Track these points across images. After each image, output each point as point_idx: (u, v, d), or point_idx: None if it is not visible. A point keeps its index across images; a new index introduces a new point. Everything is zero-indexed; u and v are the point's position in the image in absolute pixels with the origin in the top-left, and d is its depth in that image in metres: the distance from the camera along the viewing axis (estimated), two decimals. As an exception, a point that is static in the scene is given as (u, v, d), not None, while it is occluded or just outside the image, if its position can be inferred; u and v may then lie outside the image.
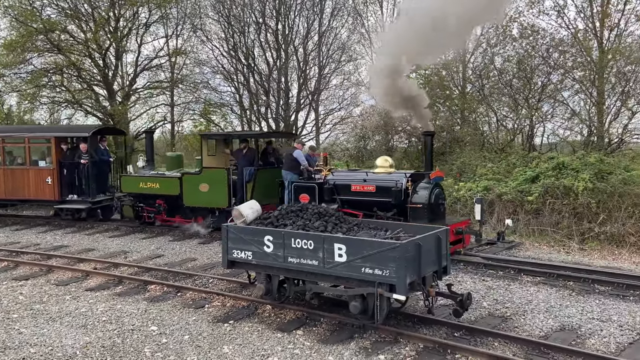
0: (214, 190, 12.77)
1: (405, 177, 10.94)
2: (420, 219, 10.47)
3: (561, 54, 18.89)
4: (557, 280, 8.86)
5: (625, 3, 18.42)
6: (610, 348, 6.22)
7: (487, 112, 20.02)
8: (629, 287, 8.29)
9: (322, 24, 24.87)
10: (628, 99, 17.93)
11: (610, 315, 7.24)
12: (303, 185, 11.97)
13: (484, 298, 8.10)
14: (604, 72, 18.10)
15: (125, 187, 14.40)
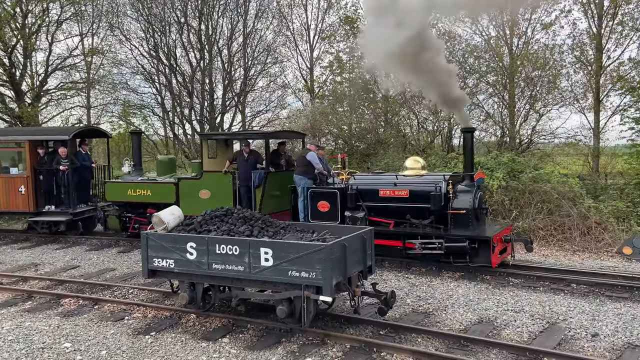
0: (217, 198, 11.49)
1: (444, 180, 9.88)
2: (463, 226, 9.59)
3: (476, 59, 19.95)
4: (476, 274, 9.28)
5: (532, 13, 19.78)
6: (523, 337, 6.59)
7: (409, 115, 20.71)
8: (538, 279, 8.85)
9: (246, 25, 24.63)
10: (536, 102, 19.25)
11: (523, 306, 7.68)
12: (322, 192, 10.76)
13: (408, 295, 8.32)
14: (514, 77, 19.31)
15: (110, 195, 12.96)
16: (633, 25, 18.83)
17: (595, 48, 19.53)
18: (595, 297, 7.97)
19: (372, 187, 10.45)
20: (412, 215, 9.98)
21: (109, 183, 13.21)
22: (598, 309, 7.44)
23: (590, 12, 19.40)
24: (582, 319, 7.08)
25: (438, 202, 9.57)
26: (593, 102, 19.76)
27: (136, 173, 13.21)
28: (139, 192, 12.48)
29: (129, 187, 12.64)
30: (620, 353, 6.01)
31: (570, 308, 7.51)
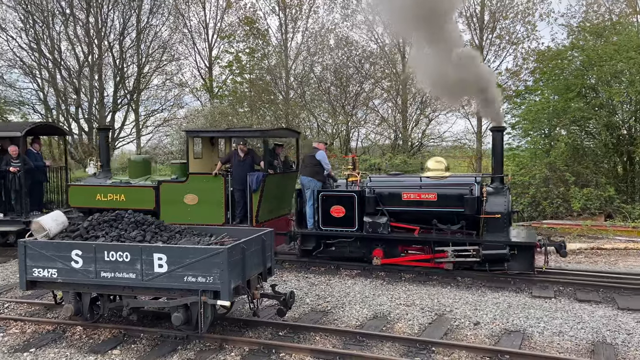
0: (205, 203, 10.31)
1: (476, 182, 9.25)
2: (498, 231, 8.99)
3: (372, 65, 20.77)
4: (371, 272, 9.64)
5: (422, 23, 20.95)
6: (414, 329, 6.95)
7: (309, 117, 21.03)
8: (428, 274, 9.40)
9: (140, 21, 23.50)
10: (426, 107, 20.47)
11: (414, 300, 8.11)
12: (336, 195, 9.85)
13: (307, 295, 8.43)
14: (407, 83, 20.39)
15: (74, 201, 11.34)
16: (509, 39, 20.72)
17: (478, 58, 21.17)
18: (477, 289, 8.63)
19: (394, 190, 9.57)
20: (439, 220, 9.32)
21: (73, 187, 11.49)
22: (479, 299, 8.06)
23: (472, 25, 21.04)
24: (466, 309, 7.63)
25: (472, 205, 8.91)
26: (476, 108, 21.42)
27: (104, 175, 11.68)
28: (111, 197, 10.93)
29: (97, 191, 11.07)
30: (498, 339, 6.56)
31: (455, 300, 8.05)
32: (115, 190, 11.00)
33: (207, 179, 10.42)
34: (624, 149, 15.86)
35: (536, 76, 18.73)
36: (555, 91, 16.72)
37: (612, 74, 15.32)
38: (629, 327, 6.74)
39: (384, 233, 9.46)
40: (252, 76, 22.21)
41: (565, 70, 16.50)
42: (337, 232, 9.84)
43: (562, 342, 6.37)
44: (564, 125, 16.25)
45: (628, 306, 7.49)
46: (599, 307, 7.55)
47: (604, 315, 7.19)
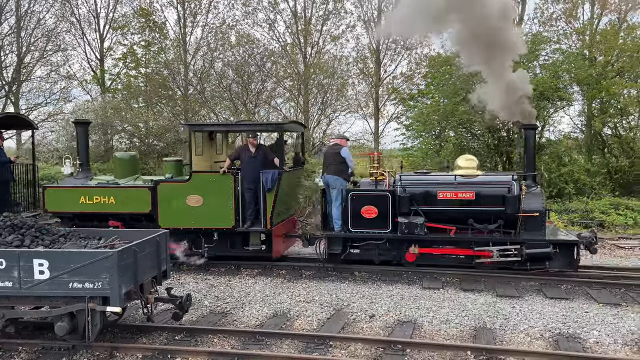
0: (212, 205, 9.48)
1: (514, 180, 9.13)
2: (536, 230, 8.93)
3: (273, 64, 20.76)
4: (272, 270, 9.65)
5: (323, 24, 21.38)
6: (313, 325, 7.07)
7: (209, 115, 20.55)
8: (328, 270, 9.61)
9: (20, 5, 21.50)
10: (326, 108, 20.89)
11: (313, 296, 8.25)
12: (368, 195, 9.35)
13: (206, 297, 8.25)
14: (308, 83, 20.65)
15: (52, 205, 9.98)
16: (404, 44, 21.76)
17: (375, 62, 22.04)
18: (373, 283, 8.98)
19: (429, 188, 9.26)
20: (476, 219, 9.08)
21: (50, 189, 10.13)
22: (375, 292, 8.40)
23: (370, 30, 21.82)
24: (362, 303, 7.91)
25: (514, 204, 8.82)
26: (374, 110, 22.28)
27: (84, 175, 10.42)
28: (97, 199, 9.76)
29: (81, 194, 9.84)
30: (391, 330, 6.88)
31: (353, 294, 8.32)
32: (103, 192, 9.81)
33: (214, 178, 9.61)
34: (504, 149, 17.34)
35: (428, 80, 19.88)
36: (444, 95, 17.86)
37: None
38: (506, 313, 7.38)
39: (420, 234, 9.13)
40: (148, 70, 21.21)
41: (453, 76, 17.68)
42: (369, 234, 9.37)
43: (448, 330, 6.82)
44: (452, 127, 17.42)
45: (505, 293, 8.21)
46: (481, 295, 8.19)
47: (484, 303, 7.82)
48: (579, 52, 18.07)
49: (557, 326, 6.85)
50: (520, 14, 20.42)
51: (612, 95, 16.75)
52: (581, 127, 18.70)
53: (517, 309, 7.53)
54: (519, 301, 7.87)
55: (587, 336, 6.52)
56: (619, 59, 17.20)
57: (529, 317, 7.18)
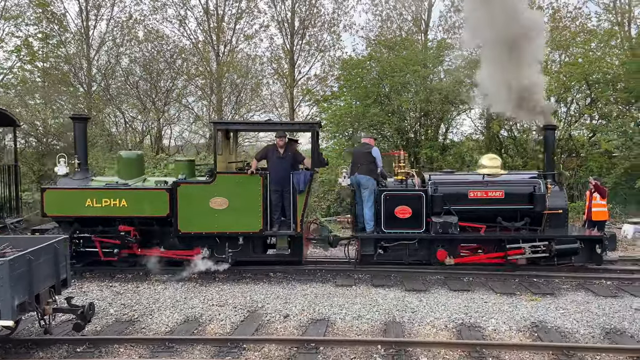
0: (237, 208, 8.89)
1: (540, 179, 9.42)
2: (560, 226, 9.31)
3: (184, 61, 20.17)
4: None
5: (236, 23, 21.11)
6: (226, 329, 6.94)
7: (115, 113, 19.55)
8: (243, 273, 9.49)
9: None
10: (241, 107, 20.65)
11: (227, 299, 8.10)
12: (401, 195, 9.22)
13: (111, 305, 7.82)
14: (221, 82, 20.29)
15: (52, 208, 9.03)
16: (317, 46, 22.06)
17: (289, 63, 22.12)
18: (288, 283, 9.00)
19: (460, 188, 9.35)
20: (504, 217, 9.27)
21: (50, 191, 9.11)
22: (290, 292, 8.42)
23: (284, 30, 21.87)
24: (277, 303, 7.89)
25: (542, 202, 9.10)
26: (289, 110, 22.37)
27: (82, 176, 9.46)
28: (107, 202, 8.93)
29: (88, 196, 8.97)
30: (305, 329, 6.93)
31: (267, 295, 8.28)
32: (114, 195, 8.97)
33: (240, 179, 9.04)
34: (412, 150, 18.14)
35: (341, 83, 20.30)
36: (356, 97, 18.33)
37: (401, 84, 17.39)
38: (414, 306, 7.71)
39: (454, 233, 9.16)
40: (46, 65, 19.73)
41: (365, 79, 18.21)
42: (402, 235, 9.28)
43: (360, 325, 7.00)
44: (363, 128, 17.92)
45: (413, 287, 8.57)
46: (391, 291, 8.48)
47: (394, 297, 8.11)
48: (478, 58, 19.32)
49: (459, 317, 7.26)
50: (427, 21, 21.50)
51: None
52: (481, 129, 20.00)
53: (424, 302, 7.89)
54: (425, 294, 8.25)
55: (486, 324, 6.98)
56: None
57: (434, 310, 7.54)
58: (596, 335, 6.62)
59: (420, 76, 17.24)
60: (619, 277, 9.06)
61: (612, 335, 6.58)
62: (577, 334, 6.65)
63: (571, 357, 5.91)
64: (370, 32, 22.02)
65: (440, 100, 17.14)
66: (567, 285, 8.78)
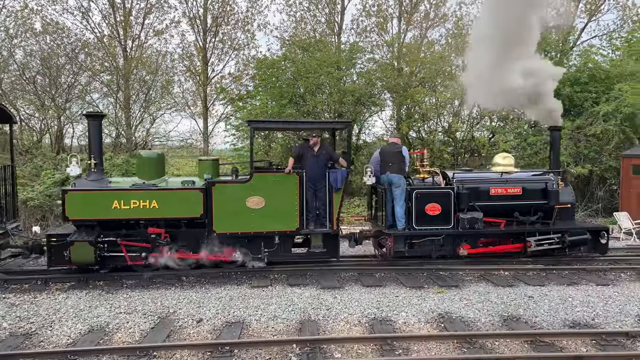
0: (274, 207, 8.99)
1: (553, 176, 10.23)
2: (569, 219, 10.19)
3: (88, 55, 19.00)
4: (88, 282, 8.81)
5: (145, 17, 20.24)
6: (135, 337, 6.63)
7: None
8: (152, 278, 9.10)
9: None
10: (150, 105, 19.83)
11: (136, 306, 7.74)
12: (432, 193, 9.65)
13: (5, 318, 7.18)
14: (129, 78, 19.36)
15: (75, 211, 8.64)
16: (231, 44, 21.74)
17: (202, 60, 21.61)
18: (201, 286, 8.76)
19: (483, 185, 9.93)
20: (521, 212, 9.95)
21: (73, 193, 8.64)
22: (203, 296, 8.21)
23: (197, 27, 21.32)
24: (190, 308, 7.66)
25: (555, 197, 9.87)
26: (202, 109, 21.84)
27: (98, 176, 8.99)
28: (135, 203, 8.63)
29: (115, 198, 8.63)
30: (219, 332, 6.79)
31: (180, 300, 8.01)
32: (144, 196, 8.67)
33: (277, 178, 9.10)
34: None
35: (256, 82, 20.16)
36: (271, 97, 18.29)
37: (316, 85, 17.61)
38: (329, 303, 7.83)
39: (480, 228, 9.69)
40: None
41: (280, 79, 18.22)
42: (432, 231, 9.71)
43: (276, 326, 6.98)
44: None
45: (328, 285, 8.71)
46: (307, 289, 8.55)
47: (310, 296, 8.18)
48: (389, 62, 20.06)
49: (372, 311, 7.48)
50: (340, 23, 21.94)
51: (416, 102, 18.94)
52: (392, 130, 20.76)
53: (339, 299, 8.04)
54: (340, 292, 8.41)
55: (397, 318, 7.25)
56: (420, 71, 19.51)
57: (348, 306, 7.71)
58: (495, 322, 7.12)
59: (334, 78, 17.55)
60: (515, 268, 9.79)
61: (509, 322, 7.10)
62: (478, 323, 7.10)
63: (473, 345, 6.30)
64: (285, 33, 22.10)
65: (353, 102, 17.57)
66: (470, 277, 9.34)
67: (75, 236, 8.62)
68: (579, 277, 9.25)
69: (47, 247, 8.82)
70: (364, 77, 18.70)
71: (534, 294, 8.26)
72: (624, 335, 6.54)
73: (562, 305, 7.74)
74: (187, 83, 21.97)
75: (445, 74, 19.37)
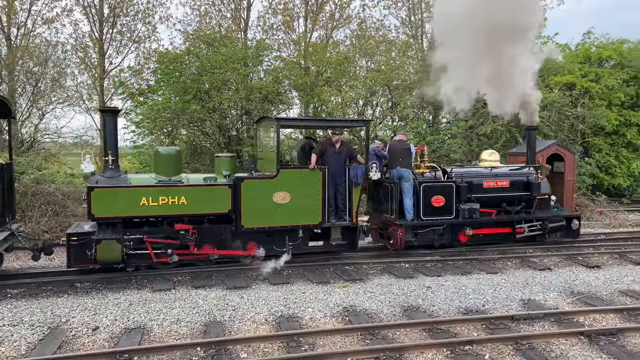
0: (299, 202, 9.35)
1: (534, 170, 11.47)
2: (546, 208, 11.36)
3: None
4: (-36, 293, 7.95)
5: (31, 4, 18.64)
6: (21, 351, 6.09)
7: None
8: (41, 285, 8.41)
9: None
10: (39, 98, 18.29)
11: (22, 317, 7.10)
12: (437, 186, 10.57)
13: None
14: (14, 69, 17.73)
15: (101, 209, 8.34)
16: (131, 36, 20.66)
17: (98, 52, 20.31)
18: (97, 292, 8.24)
19: (478, 179, 10.99)
20: (508, 202, 11.18)
21: (99, 190, 8.43)
22: (100, 303, 7.72)
23: (92, 17, 20.01)
24: (84, 316, 7.17)
25: (537, 189, 11.17)
26: (99, 103, 20.54)
27: (115, 173, 8.82)
28: (164, 200, 8.68)
29: (143, 195, 8.59)
30: (118, 340, 6.43)
31: (73, 308, 7.47)
32: (173, 192, 8.75)
33: (302, 174, 9.50)
34: (234, 147, 18.13)
35: (158, 76, 19.30)
36: (175, 92, 17.62)
37: (222, 82, 17.24)
38: (235, 304, 7.71)
39: (477, 218, 10.77)
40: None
41: (184, 74, 17.60)
42: (436, 221, 10.59)
43: (179, 330, 6.75)
44: (183, 125, 17.34)
45: (235, 285, 8.58)
46: (212, 290, 8.35)
47: (215, 297, 8.01)
48: (296, 60, 20.15)
49: (279, 309, 7.48)
50: (246, 20, 21.69)
51: (323, 102, 19.21)
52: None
53: (245, 298, 7.95)
54: (247, 291, 8.32)
55: (304, 314, 7.32)
56: (326, 70, 19.82)
57: (255, 305, 7.65)
58: (397, 313, 7.43)
59: (241, 74, 17.30)
60: (415, 260, 10.29)
61: (409, 312, 7.45)
62: (381, 314, 7.37)
63: (376, 336, 6.52)
64: (189, 27, 21.39)
65: (261, 99, 17.43)
66: (374, 270, 9.68)
67: (100, 235, 8.53)
68: (471, 267, 9.93)
69: (67, 246, 8.47)
70: (271, 75, 18.62)
71: (431, 284, 8.73)
72: (510, 318, 7.12)
73: (457, 294, 8.26)
74: (81, 76, 20.55)
75: (350, 75, 19.86)
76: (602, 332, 6.54)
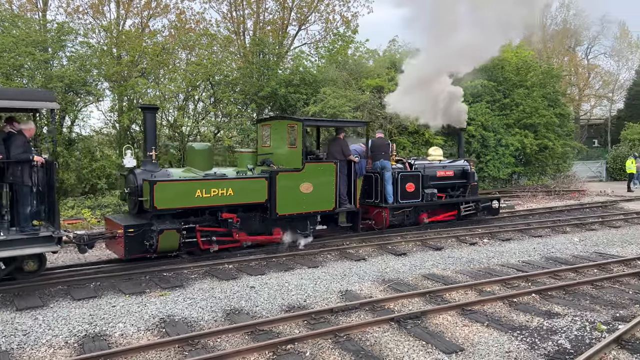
0: (320, 191, 10.90)
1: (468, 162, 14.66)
2: (474, 193, 14.35)
3: None
4: None
5: None
6: None
7: None
8: None
9: None
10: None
11: None
12: (409, 175, 12.85)
13: None
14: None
15: (163, 202, 9.15)
16: None
17: None
18: None
19: (434, 170, 13.71)
20: (451, 188, 14.01)
21: (161, 184, 9.13)
22: None
23: None
24: None
25: (472, 178, 14.11)
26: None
27: (154, 167, 9.64)
28: (215, 192, 9.58)
29: (198, 187, 9.44)
30: None
31: None
32: (222, 185, 9.71)
33: (322, 167, 10.94)
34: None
35: None
36: None
37: (13, 67, 14.84)
38: (27, 327, 6.56)
39: (435, 201, 13.35)
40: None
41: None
42: (409, 204, 12.90)
43: (-54, 368, 5.46)
44: None
45: (27, 305, 7.33)
46: (-3, 314, 7.02)
47: (1, 321, 6.72)
48: (106, 48, 18.33)
49: (83, 328, 6.57)
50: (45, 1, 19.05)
51: (141, 94, 17.81)
52: (113, 122, 19.09)
53: (41, 319, 6.82)
54: (43, 310, 7.17)
55: (113, 330, 6.53)
56: (142, 61, 18.41)
57: (53, 326, 6.60)
58: (218, 318, 7.07)
59: (37, 60, 15.08)
60: (239, 260, 10.05)
61: (231, 316, 7.15)
62: (202, 321, 6.94)
63: (195, 346, 6.09)
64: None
65: (63, 89, 15.44)
66: (195, 274, 9.17)
67: (161, 226, 9.15)
68: (294, 262, 10.05)
69: (125, 238, 8.87)
70: (77, 62, 16.63)
71: (255, 284, 8.58)
72: (329, 312, 7.28)
73: (280, 292, 8.22)
74: None
75: (169, 67, 18.78)
76: (409, 316, 7.06)
